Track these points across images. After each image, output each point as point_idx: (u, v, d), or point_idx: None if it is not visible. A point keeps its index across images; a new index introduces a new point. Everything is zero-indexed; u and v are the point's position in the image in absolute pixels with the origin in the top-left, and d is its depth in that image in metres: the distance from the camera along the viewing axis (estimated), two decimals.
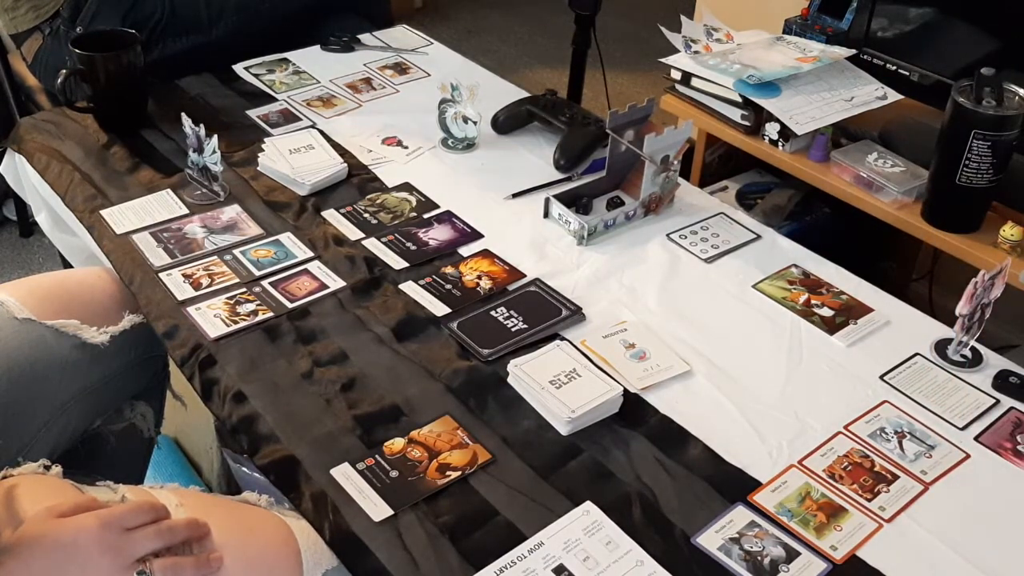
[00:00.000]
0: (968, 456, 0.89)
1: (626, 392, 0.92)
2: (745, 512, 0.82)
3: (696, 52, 1.71)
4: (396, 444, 0.87)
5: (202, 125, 1.17)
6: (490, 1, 3.86)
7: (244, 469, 1.23)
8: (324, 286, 1.06)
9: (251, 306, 1.02)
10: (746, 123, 1.69)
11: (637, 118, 1.18)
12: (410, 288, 1.06)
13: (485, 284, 1.07)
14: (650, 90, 1.24)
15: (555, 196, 1.19)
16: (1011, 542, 0.81)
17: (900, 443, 0.89)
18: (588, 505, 0.81)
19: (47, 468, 0.87)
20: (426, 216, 1.19)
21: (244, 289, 1.05)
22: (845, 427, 0.91)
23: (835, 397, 0.95)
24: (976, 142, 1.24)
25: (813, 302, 1.07)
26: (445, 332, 1.00)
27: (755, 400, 0.94)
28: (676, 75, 1.77)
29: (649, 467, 0.86)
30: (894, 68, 1.56)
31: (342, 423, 0.89)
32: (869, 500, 0.83)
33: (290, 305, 1.03)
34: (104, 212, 1.17)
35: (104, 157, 1.29)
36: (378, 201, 1.21)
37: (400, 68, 1.54)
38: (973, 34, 1.50)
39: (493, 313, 1.03)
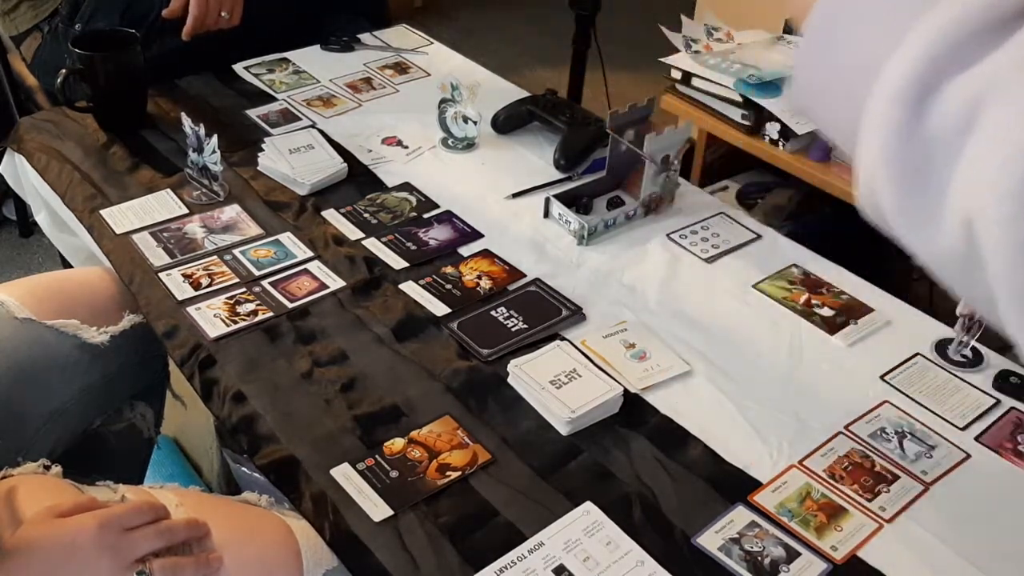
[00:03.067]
0: (968, 456, 0.89)
1: (626, 392, 0.92)
2: (745, 512, 0.81)
3: (696, 52, 1.71)
4: (396, 444, 0.86)
5: (202, 125, 1.17)
6: (490, 1, 3.86)
7: (244, 469, 1.23)
8: (324, 286, 1.06)
9: (251, 306, 1.02)
10: (746, 123, 1.69)
11: (637, 118, 1.18)
12: (410, 288, 1.06)
13: (485, 284, 1.07)
14: (650, 90, 1.24)
15: (555, 196, 1.18)
16: (1011, 542, 0.81)
17: (900, 443, 0.89)
18: (588, 505, 0.81)
19: (47, 468, 0.87)
20: (426, 216, 1.19)
21: (244, 289, 1.05)
22: (845, 427, 0.91)
23: (835, 397, 0.95)
24: None
25: (813, 302, 1.07)
26: (445, 332, 1.00)
27: (755, 400, 0.93)
28: (676, 75, 1.77)
29: (649, 467, 0.86)
30: None
31: (342, 423, 0.89)
32: (869, 500, 0.83)
33: (290, 305, 1.03)
34: (104, 212, 1.17)
35: (104, 157, 1.28)
36: (378, 201, 1.21)
37: (400, 68, 1.54)
38: None
39: (493, 313, 1.02)
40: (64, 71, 1.29)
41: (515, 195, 1.24)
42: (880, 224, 0.47)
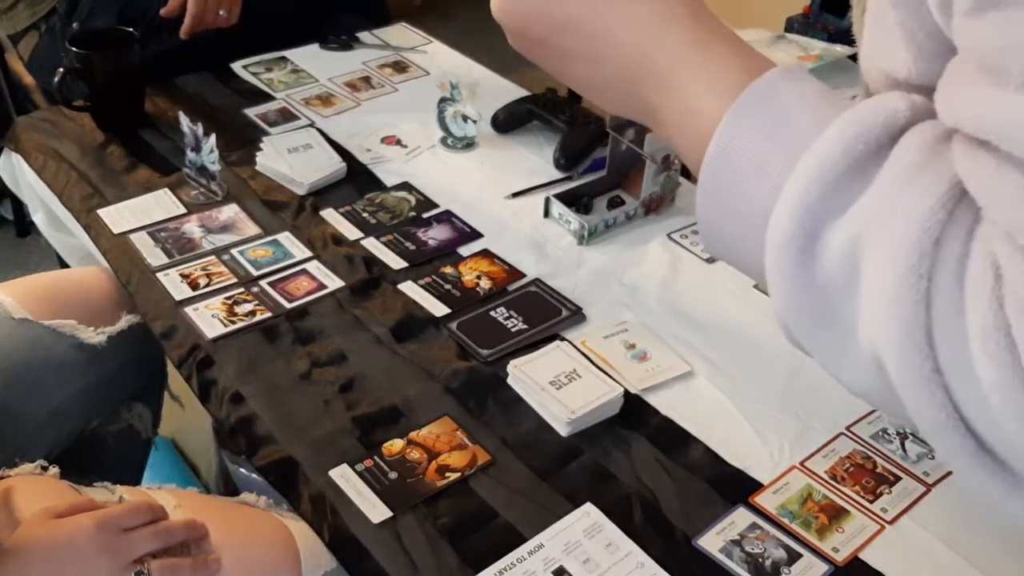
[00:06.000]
0: None
1: (627, 393, 0.91)
2: (746, 514, 0.81)
3: None
4: (395, 445, 0.86)
5: (200, 124, 1.16)
6: None
7: (242, 470, 1.23)
8: (323, 286, 1.05)
9: (249, 306, 1.02)
10: None
11: None
12: (409, 288, 1.05)
13: (485, 284, 1.06)
14: None
15: (555, 195, 1.18)
16: (1014, 544, 0.80)
17: (902, 444, 0.89)
18: (588, 507, 0.81)
19: (44, 469, 0.86)
20: (425, 216, 1.18)
21: (242, 289, 1.04)
22: (847, 428, 0.90)
23: (837, 398, 0.93)
24: None
25: None
26: (444, 332, 1.00)
27: (756, 401, 0.93)
28: None
29: (650, 468, 0.85)
30: None
31: (341, 424, 0.88)
32: (871, 502, 0.83)
33: (288, 305, 1.02)
34: (101, 211, 1.16)
35: (101, 156, 1.28)
36: (377, 201, 1.21)
37: (399, 67, 1.54)
38: None
39: (493, 313, 1.02)
40: (61, 70, 1.29)
41: (515, 195, 1.24)
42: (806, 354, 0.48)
